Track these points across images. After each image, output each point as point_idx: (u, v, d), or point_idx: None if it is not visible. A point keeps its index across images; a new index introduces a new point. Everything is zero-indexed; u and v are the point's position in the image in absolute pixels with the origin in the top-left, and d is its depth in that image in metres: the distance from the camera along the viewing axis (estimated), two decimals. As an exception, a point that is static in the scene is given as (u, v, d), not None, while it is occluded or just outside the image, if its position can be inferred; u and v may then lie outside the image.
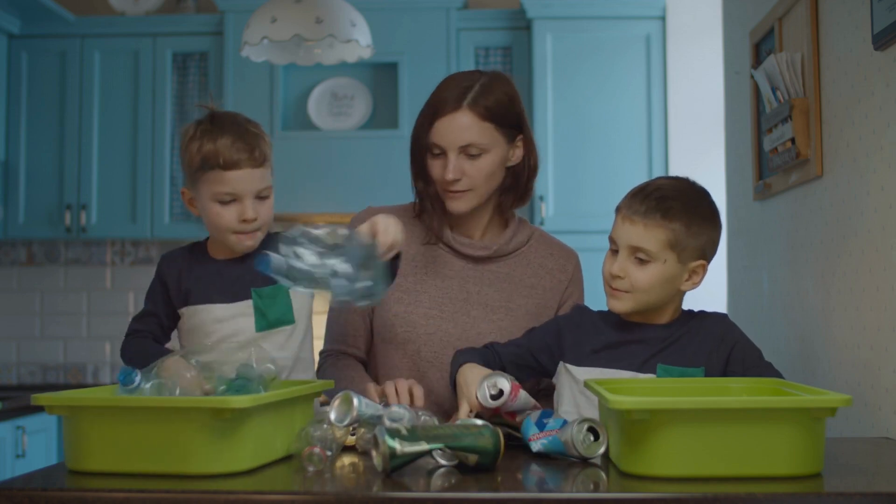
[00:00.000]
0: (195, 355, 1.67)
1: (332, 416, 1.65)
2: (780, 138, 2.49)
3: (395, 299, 2.06)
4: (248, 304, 1.89)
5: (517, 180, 2.07)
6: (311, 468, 1.53)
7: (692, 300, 1.90)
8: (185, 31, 4.49)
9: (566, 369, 1.87)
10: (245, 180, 1.83)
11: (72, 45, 4.48)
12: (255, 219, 1.85)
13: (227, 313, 1.89)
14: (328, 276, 1.61)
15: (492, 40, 4.43)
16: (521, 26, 4.40)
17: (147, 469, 1.49)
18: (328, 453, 1.56)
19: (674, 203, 1.79)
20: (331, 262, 1.62)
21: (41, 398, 1.53)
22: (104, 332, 4.72)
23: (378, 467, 1.49)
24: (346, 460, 1.65)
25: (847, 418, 2.14)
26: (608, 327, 1.87)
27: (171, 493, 1.39)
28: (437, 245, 2.10)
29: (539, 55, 4.29)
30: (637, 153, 4.25)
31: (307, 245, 1.61)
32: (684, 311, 1.88)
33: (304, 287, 1.63)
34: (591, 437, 1.59)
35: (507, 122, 2.01)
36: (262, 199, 1.86)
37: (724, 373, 1.84)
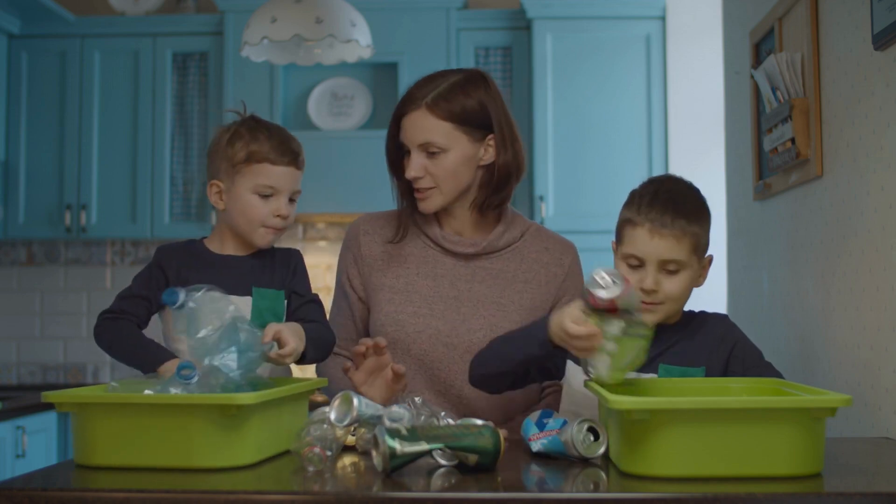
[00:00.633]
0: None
1: (332, 416, 1.65)
2: (780, 138, 2.49)
3: (387, 300, 2.07)
4: (248, 300, 1.91)
5: (489, 178, 2.05)
6: (311, 468, 1.53)
7: (692, 300, 1.90)
8: (185, 31, 4.49)
9: (571, 367, 1.86)
10: (288, 178, 1.94)
11: (72, 45, 4.48)
12: (287, 215, 1.95)
13: (232, 305, 1.90)
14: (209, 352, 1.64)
15: (492, 40, 4.43)
16: (521, 26, 4.40)
17: (154, 463, 1.52)
18: (328, 453, 1.56)
19: (689, 206, 1.80)
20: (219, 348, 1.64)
21: (51, 395, 1.56)
22: (104, 332, 4.72)
23: (378, 467, 1.49)
24: (346, 460, 1.65)
25: (847, 418, 2.14)
26: None
27: (171, 493, 1.39)
28: (428, 245, 2.10)
29: (539, 55, 4.29)
30: (637, 153, 4.25)
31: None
32: (685, 311, 1.88)
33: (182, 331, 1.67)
34: (591, 437, 1.59)
35: (472, 121, 2.00)
36: (291, 201, 1.97)
37: (725, 373, 1.84)
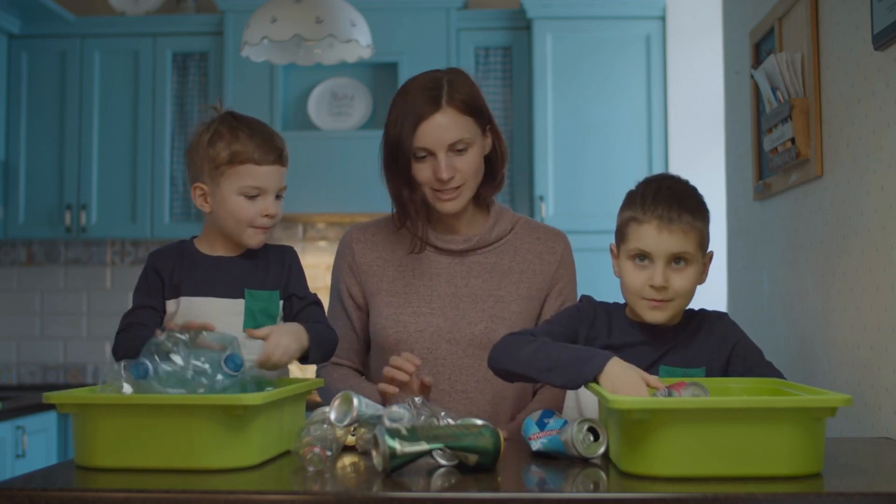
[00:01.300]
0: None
1: (332, 416, 1.65)
2: (780, 138, 2.49)
3: (386, 303, 2.08)
4: (241, 303, 1.91)
5: (491, 168, 2.10)
6: (311, 468, 1.53)
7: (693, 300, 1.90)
8: (185, 31, 4.49)
9: None
10: (272, 176, 1.91)
11: (72, 45, 4.48)
12: (275, 214, 1.92)
13: (220, 308, 1.90)
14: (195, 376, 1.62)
15: (492, 40, 4.43)
16: (521, 26, 4.40)
17: (157, 465, 1.51)
18: (328, 453, 1.56)
19: (691, 202, 1.81)
20: (197, 365, 1.62)
21: (52, 396, 1.55)
22: (104, 332, 4.72)
23: (378, 467, 1.49)
24: (346, 460, 1.65)
25: (847, 418, 2.14)
26: (619, 328, 1.86)
27: (172, 493, 1.39)
28: (422, 245, 2.10)
29: (539, 55, 4.29)
30: (637, 153, 4.25)
31: (175, 349, 1.63)
32: (686, 310, 1.88)
33: (174, 388, 1.62)
34: (591, 437, 1.59)
35: (480, 112, 2.04)
36: (278, 198, 1.94)
37: (726, 372, 1.84)
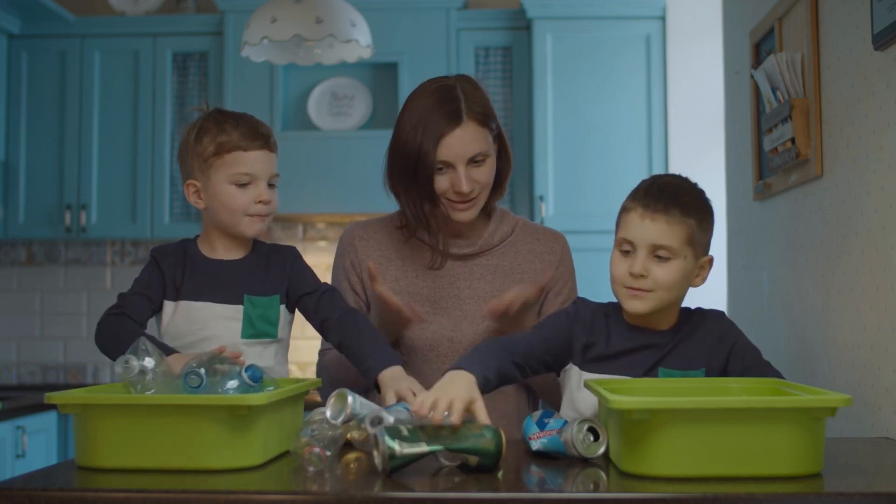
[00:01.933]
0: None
1: (328, 413, 1.65)
2: (780, 138, 2.49)
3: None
4: (239, 309, 1.91)
5: (498, 174, 2.09)
6: (311, 468, 1.53)
7: (692, 300, 1.89)
8: (185, 31, 4.49)
9: (576, 372, 1.85)
10: (262, 162, 1.91)
11: (72, 45, 4.48)
12: (269, 201, 1.92)
13: (219, 314, 1.90)
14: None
15: (492, 40, 4.43)
16: (521, 26, 4.41)
17: (160, 465, 1.51)
18: (328, 453, 1.56)
19: (686, 198, 1.79)
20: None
21: (54, 397, 1.55)
22: (104, 332, 4.72)
23: (378, 467, 1.49)
24: (346, 460, 1.65)
25: (847, 418, 2.14)
26: (617, 333, 1.85)
27: (172, 493, 1.39)
28: (424, 246, 2.10)
29: (539, 55, 4.29)
30: (637, 153, 4.25)
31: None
32: (682, 309, 1.88)
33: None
34: (591, 437, 1.59)
35: (493, 122, 2.04)
36: (272, 186, 1.94)
37: (724, 372, 1.84)
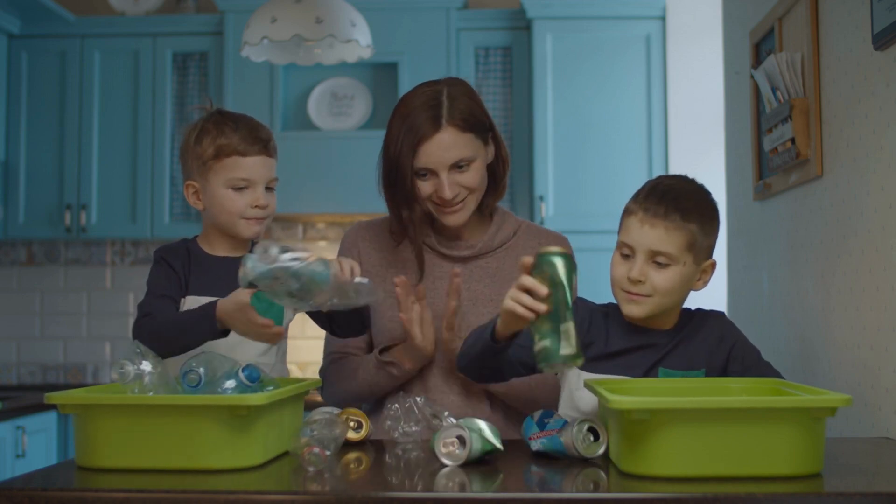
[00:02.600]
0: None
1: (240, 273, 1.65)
2: (780, 138, 2.49)
3: (388, 305, 2.07)
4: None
5: (493, 176, 2.08)
6: (311, 468, 1.53)
7: (692, 300, 1.89)
8: (185, 31, 4.49)
9: (574, 371, 1.85)
10: (259, 167, 1.91)
11: (72, 45, 4.48)
12: (266, 205, 1.92)
13: None
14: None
15: (492, 40, 4.43)
16: (521, 26, 4.40)
17: (161, 465, 1.52)
18: (327, 453, 1.56)
19: (688, 203, 1.77)
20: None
21: (54, 397, 1.55)
22: (104, 332, 4.72)
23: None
24: (347, 459, 1.65)
25: (847, 418, 2.14)
26: (616, 332, 1.85)
27: (172, 493, 1.39)
28: (424, 248, 2.10)
29: (539, 55, 4.29)
30: (637, 153, 4.25)
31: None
32: (682, 309, 1.88)
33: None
34: (591, 437, 1.59)
35: (481, 125, 2.01)
36: (269, 190, 1.94)
37: (724, 373, 1.84)
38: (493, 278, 2.10)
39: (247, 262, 1.63)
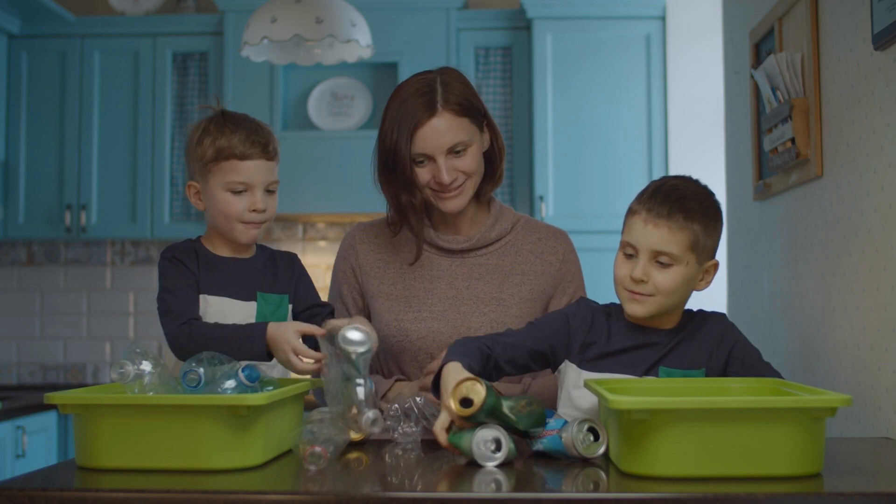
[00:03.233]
0: None
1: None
2: (780, 138, 2.49)
3: (386, 308, 2.07)
4: (253, 305, 1.92)
5: (490, 164, 2.09)
6: (312, 467, 1.53)
7: (693, 300, 1.89)
8: (185, 31, 4.49)
9: (573, 370, 1.85)
10: (258, 171, 1.90)
11: (72, 45, 4.48)
12: (264, 209, 1.91)
13: (237, 310, 1.91)
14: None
15: (492, 40, 4.43)
16: (521, 26, 4.40)
17: (161, 465, 1.52)
18: (328, 452, 1.56)
19: (692, 203, 1.78)
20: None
21: (54, 397, 1.55)
22: (104, 332, 4.72)
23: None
24: (347, 459, 1.65)
25: (847, 418, 2.14)
26: (618, 331, 1.85)
27: (171, 493, 1.39)
28: (422, 248, 2.10)
29: (539, 55, 4.29)
30: (637, 153, 4.25)
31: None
32: (684, 310, 1.88)
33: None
34: (591, 437, 1.59)
35: (476, 110, 2.03)
36: (269, 192, 1.93)
37: (724, 373, 1.84)
38: (492, 275, 2.09)
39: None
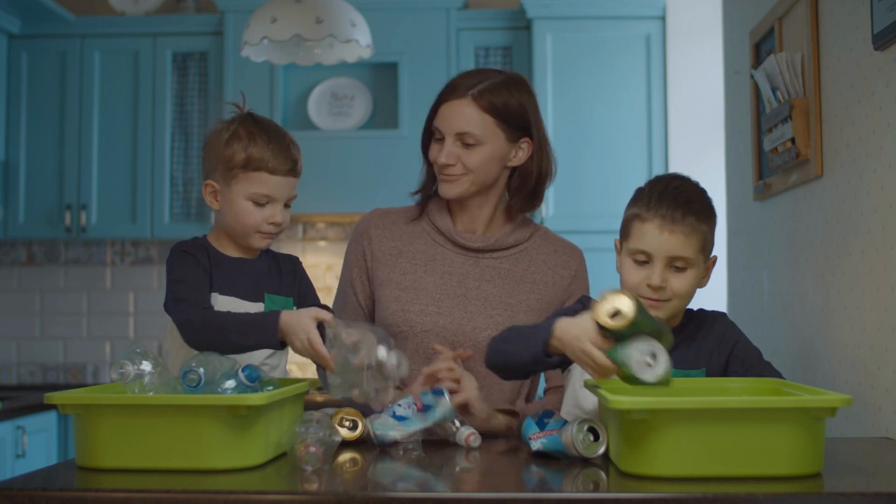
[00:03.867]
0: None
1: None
2: (780, 138, 2.49)
3: (394, 297, 2.07)
4: (261, 306, 1.92)
5: (524, 183, 2.09)
6: (308, 468, 1.53)
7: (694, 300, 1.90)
8: (185, 31, 4.49)
9: (578, 369, 1.85)
10: (284, 187, 1.90)
11: (72, 45, 4.48)
12: (282, 223, 1.92)
13: (244, 309, 1.90)
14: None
15: (492, 40, 4.43)
16: (521, 26, 4.40)
17: (161, 465, 1.52)
18: (323, 451, 1.55)
19: (698, 204, 1.80)
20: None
21: (55, 397, 1.55)
22: (104, 332, 4.72)
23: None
24: (346, 459, 1.65)
25: (847, 418, 2.14)
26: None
27: (171, 493, 1.39)
28: (438, 242, 2.10)
29: (539, 55, 4.29)
30: (637, 153, 4.25)
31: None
32: (685, 310, 1.88)
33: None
34: (591, 437, 1.59)
35: (511, 121, 2.03)
36: (286, 206, 1.94)
37: (725, 373, 1.84)
38: (504, 279, 2.09)
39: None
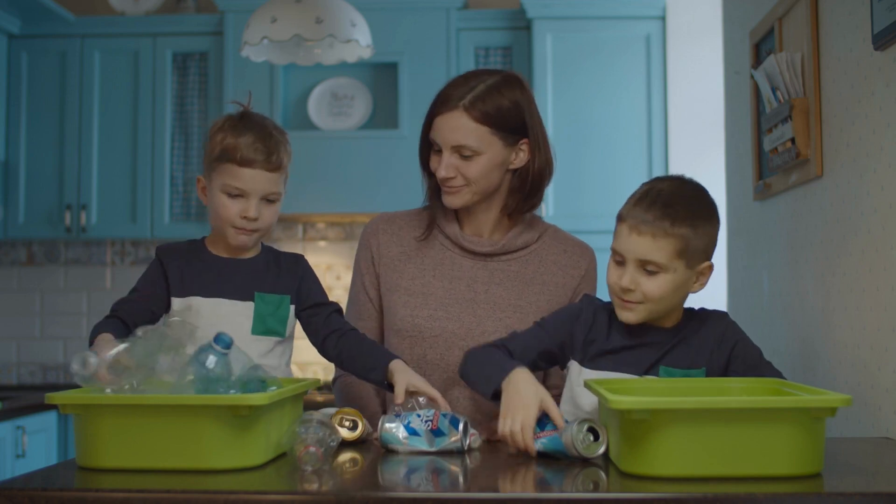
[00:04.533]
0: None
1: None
2: (780, 138, 2.49)
3: (402, 302, 2.06)
4: (250, 305, 1.91)
5: (523, 183, 2.07)
6: (307, 468, 1.53)
7: (691, 299, 1.89)
8: (185, 31, 4.49)
9: (576, 367, 1.86)
10: (255, 180, 1.87)
11: (72, 45, 4.48)
12: (255, 218, 1.88)
13: (231, 310, 1.90)
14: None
15: (492, 40, 4.43)
16: (521, 26, 4.40)
17: (162, 465, 1.51)
18: (322, 451, 1.55)
19: (679, 208, 1.75)
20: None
21: (55, 397, 1.55)
22: (104, 332, 4.72)
23: None
24: (346, 459, 1.65)
25: (847, 418, 2.14)
26: (618, 329, 1.84)
27: (171, 493, 1.39)
28: (446, 247, 2.10)
29: (539, 55, 4.29)
30: (637, 153, 4.25)
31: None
32: (685, 309, 1.88)
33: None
34: (591, 437, 1.59)
35: (507, 126, 2.00)
36: (269, 202, 1.90)
37: (725, 372, 1.84)
38: (513, 281, 2.08)
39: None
